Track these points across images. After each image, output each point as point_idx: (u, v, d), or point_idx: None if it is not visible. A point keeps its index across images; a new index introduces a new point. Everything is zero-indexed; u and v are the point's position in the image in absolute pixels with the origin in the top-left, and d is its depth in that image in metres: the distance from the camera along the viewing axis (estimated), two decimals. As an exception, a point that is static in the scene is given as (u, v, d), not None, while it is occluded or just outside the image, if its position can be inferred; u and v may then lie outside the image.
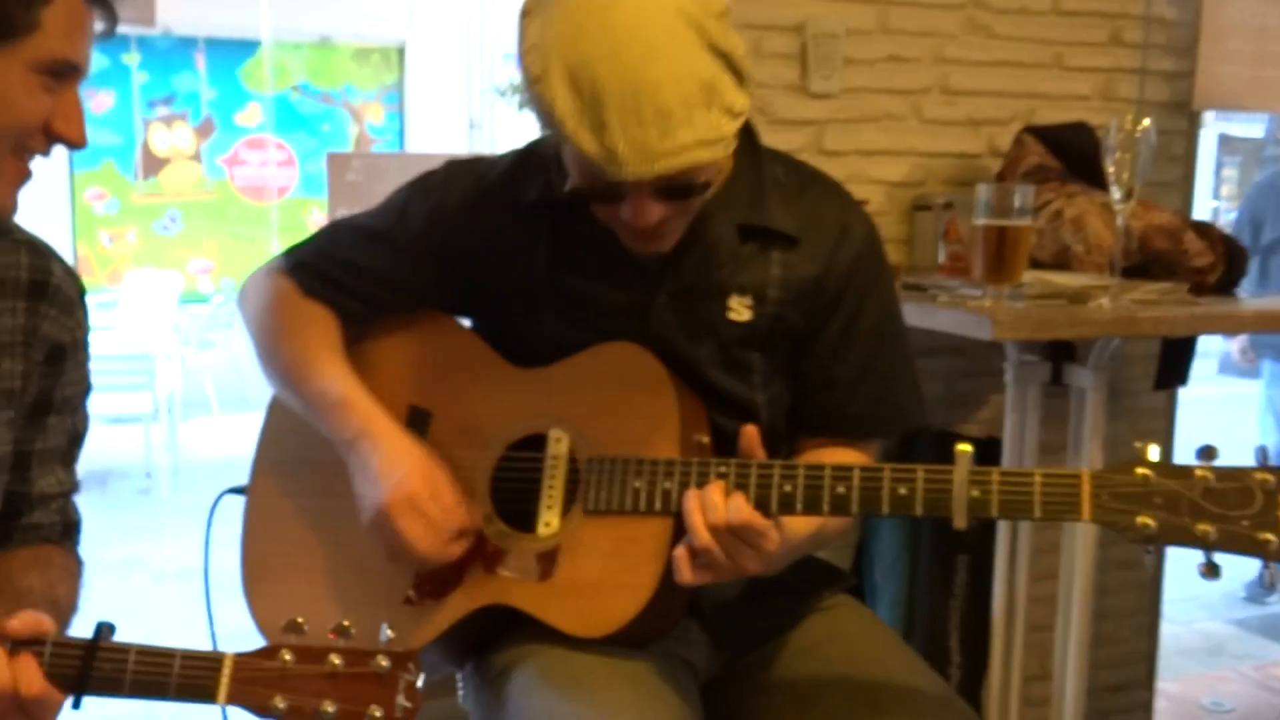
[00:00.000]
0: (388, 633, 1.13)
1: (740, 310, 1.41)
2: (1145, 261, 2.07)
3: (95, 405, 1.44)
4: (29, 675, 1.08)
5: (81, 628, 1.20)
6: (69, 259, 1.37)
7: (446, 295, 1.51)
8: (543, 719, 1.28)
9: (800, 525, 1.30)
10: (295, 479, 1.51)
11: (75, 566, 1.40)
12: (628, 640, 1.32)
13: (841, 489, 1.23)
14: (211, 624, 1.59)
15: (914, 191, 2.38)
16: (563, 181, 1.35)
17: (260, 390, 1.67)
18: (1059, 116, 2.37)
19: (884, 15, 2.31)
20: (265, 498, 1.52)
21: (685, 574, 1.24)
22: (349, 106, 12.95)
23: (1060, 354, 2.11)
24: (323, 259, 1.50)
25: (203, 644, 1.20)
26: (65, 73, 1.20)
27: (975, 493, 1.18)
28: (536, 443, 1.40)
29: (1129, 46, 2.47)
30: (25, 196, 1.28)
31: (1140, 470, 1.13)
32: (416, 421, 1.46)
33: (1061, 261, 2.11)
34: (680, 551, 1.24)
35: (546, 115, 1.22)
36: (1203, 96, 2.47)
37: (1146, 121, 1.78)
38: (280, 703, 1.10)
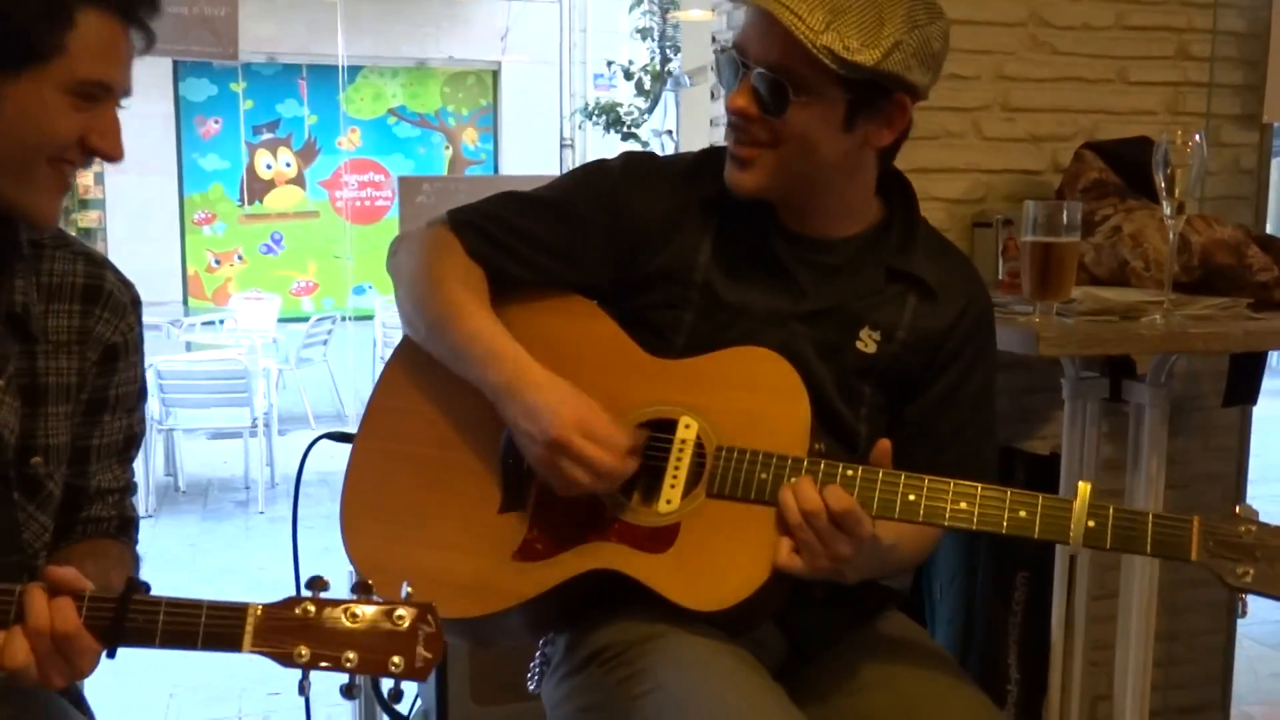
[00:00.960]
0: (407, 589, 1.17)
1: (868, 343, 1.50)
2: (1207, 276, 2.05)
3: (198, 420, 1.53)
4: (65, 615, 1.14)
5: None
6: (179, 279, 1.47)
7: (606, 271, 1.56)
8: (683, 696, 1.32)
9: (884, 534, 1.36)
10: (410, 426, 1.55)
11: (130, 559, 1.47)
12: (731, 621, 1.38)
13: (964, 504, 1.32)
14: (297, 567, 1.63)
15: (974, 208, 2.39)
16: None
17: (354, 406, 1.75)
18: (1124, 132, 2.35)
19: (941, 33, 2.32)
20: (376, 441, 1.57)
21: (782, 554, 1.33)
22: (444, 129, 13.26)
23: (1120, 370, 2.09)
24: (491, 221, 1.55)
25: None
26: (97, 93, 1.27)
27: (1091, 523, 1.28)
28: (664, 427, 1.45)
29: (1197, 60, 2.44)
30: (139, 219, 1.38)
31: (1245, 527, 1.24)
32: None
33: (1120, 277, 2.10)
34: (784, 541, 1.33)
35: None
36: (1273, 108, 2.43)
37: (1198, 136, 1.76)
38: (303, 652, 1.14)
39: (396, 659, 1.14)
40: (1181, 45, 2.44)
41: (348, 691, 1.18)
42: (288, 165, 12.88)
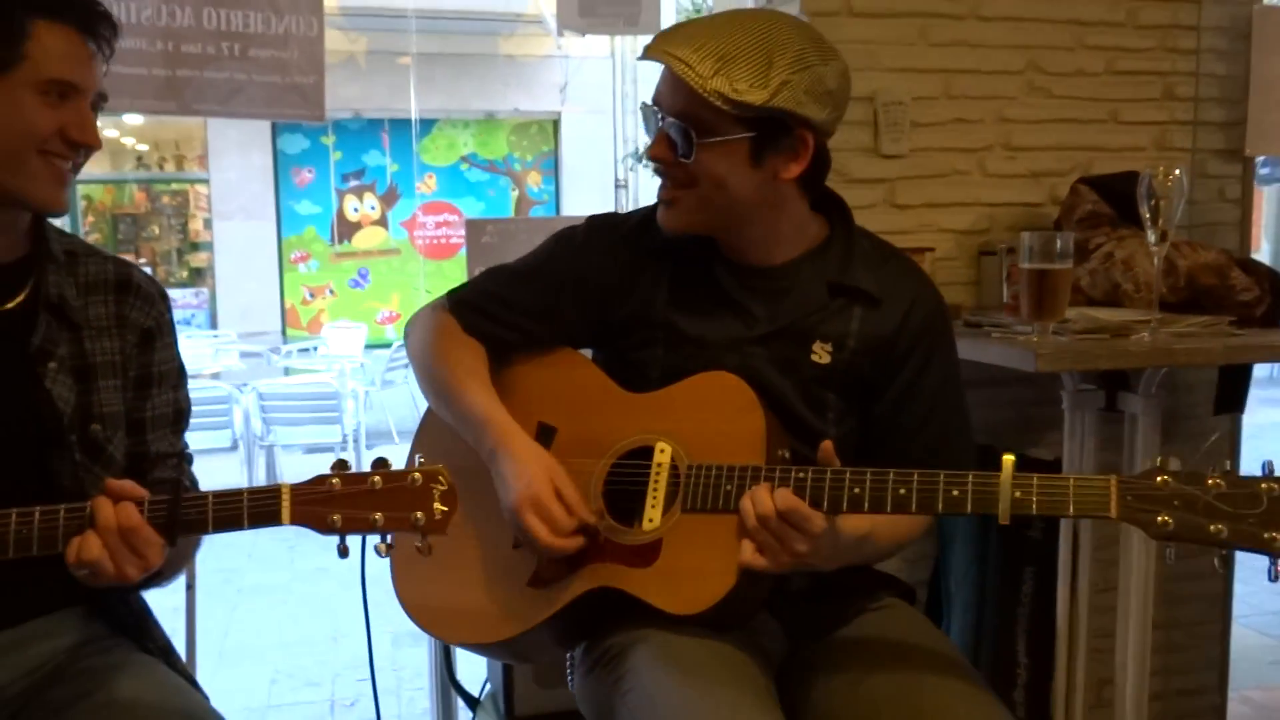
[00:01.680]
0: (419, 459, 1.23)
1: (822, 354, 1.50)
2: (1194, 296, 2.04)
3: (295, 436, 1.59)
4: (128, 513, 1.21)
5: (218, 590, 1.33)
6: (278, 312, 1.54)
7: (581, 325, 1.61)
8: (655, 693, 1.34)
9: (850, 526, 1.36)
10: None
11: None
12: (717, 620, 1.39)
13: (903, 490, 1.29)
14: (365, 591, 1.69)
15: (980, 238, 2.39)
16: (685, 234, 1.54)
17: None
18: (1117, 167, 2.34)
19: (948, 83, 2.34)
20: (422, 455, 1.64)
21: (746, 555, 1.32)
22: (511, 173, 13.37)
23: (1115, 383, 2.09)
24: (479, 296, 1.63)
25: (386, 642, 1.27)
26: (65, 90, 1.35)
27: (1018, 493, 1.23)
28: (644, 453, 1.49)
29: (1182, 100, 2.44)
30: (243, 259, 1.45)
31: (1161, 477, 1.18)
32: (544, 435, 1.57)
33: (1113, 299, 2.09)
34: (745, 542, 1.33)
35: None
36: (1254, 143, 2.42)
37: (1178, 171, 1.77)
38: (337, 518, 1.20)
39: (418, 513, 1.20)
40: (1168, 88, 2.44)
41: (383, 550, 1.23)
42: (372, 209, 13.05)
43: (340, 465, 1.24)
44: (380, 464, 1.23)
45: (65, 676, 1.41)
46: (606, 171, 12.84)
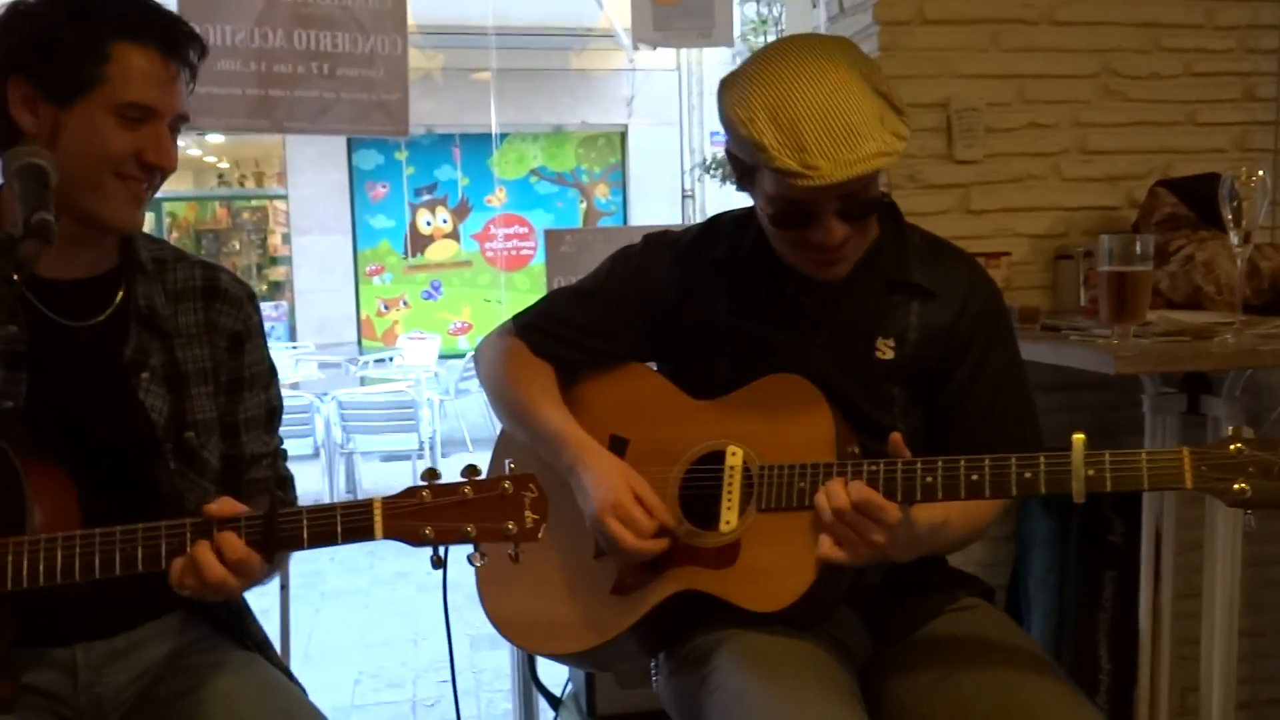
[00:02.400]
0: (510, 465, 1.22)
1: (885, 350, 1.52)
2: (1278, 299, 2.01)
3: (373, 444, 1.63)
4: (231, 544, 1.23)
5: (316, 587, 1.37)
6: (354, 323, 1.57)
7: (644, 340, 1.64)
8: (740, 691, 1.36)
9: (926, 516, 1.37)
10: None
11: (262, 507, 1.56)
12: (798, 616, 1.41)
13: (975, 476, 1.29)
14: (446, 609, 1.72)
15: (1056, 243, 2.37)
16: (746, 244, 1.54)
17: None
18: (1195, 169, 2.31)
19: (1021, 88, 2.33)
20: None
21: (824, 548, 1.33)
22: (579, 185, 13.48)
23: (1197, 386, 2.05)
24: (544, 319, 1.67)
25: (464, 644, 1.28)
26: (141, 114, 1.35)
27: (1090, 471, 1.23)
28: (715, 458, 1.50)
29: (1263, 101, 2.39)
30: (320, 272, 1.47)
31: (1234, 445, 1.18)
32: (616, 447, 1.59)
33: (1194, 302, 2.07)
34: (823, 537, 1.34)
35: (754, 150, 1.37)
36: (1339, 142, 2.37)
37: (1261, 171, 1.74)
38: (429, 530, 1.19)
39: (509, 523, 1.20)
40: (1248, 88, 2.39)
41: (476, 559, 1.23)
42: (445, 222, 13.25)
43: (431, 475, 1.24)
44: (471, 472, 1.23)
45: (171, 674, 1.46)
46: (673, 182, 12.88)
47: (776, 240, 1.50)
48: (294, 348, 10.49)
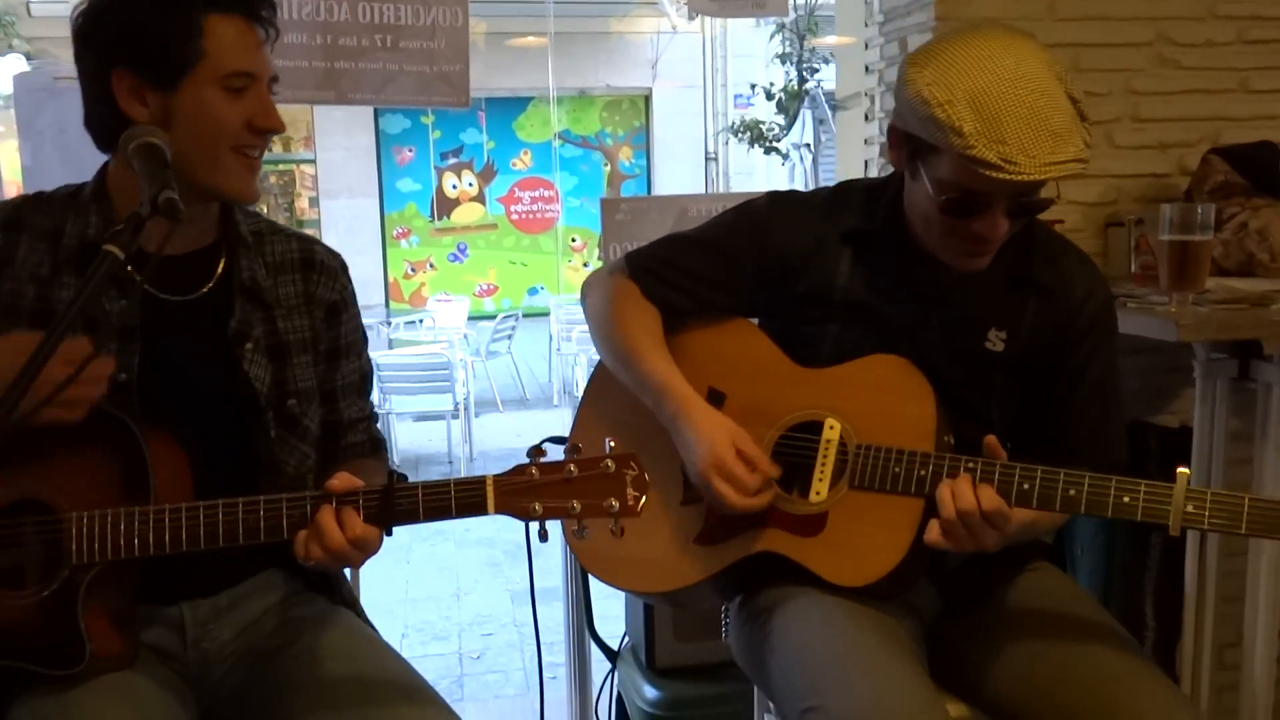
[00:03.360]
0: (610, 443, 1.26)
1: (996, 342, 1.53)
2: (1331, 266, 2.02)
3: (407, 405, 1.66)
4: (351, 521, 1.28)
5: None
6: (382, 286, 1.59)
7: (756, 296, 1.62)
8: (804, 648, 1.41)
9: (1020, 515, 1.39)
10: (611, 433, 1.69)
11: (386, 471, 1.57)
12: (874, 593, 1.45)
13: (1073, 491, 1.33)
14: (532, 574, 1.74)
15: (1108, 210, 2.38)
16: (878, 217, 1.53)
17: (533, 391, 1.84)
18: (1247, 137, 2.30)
19: (1076, 56, 2.32)
20: (591, 428, 1.69)
21: (932, 534, 1.37)
22: (603, 149, 13.45)
23: (1248, 351, 2.07)
24: (659, 263, 1.65)
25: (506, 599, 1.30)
26: (243, 82, 1.37)
27: (1190, 507, 1.27)
28: (810, 428, 1.52)
29: (1316, 68, 2.38)
30: (348, 235, 1.47)
31: None
32: (713, 400, 1.60)
33: (1247, 269, 2.08)
34: (934, 523, 1.37)
35: (949, 134, 1.33)
36: (1392, 109, 2.35)
37: (1321, 141, 1.75)
38: (538, 507, 1.24)
39: (612, 500, 1.24)
40: (1302, 54, 2.38)
41: (576, 532, 1.29)
42: (470, 185, 13.26)
43: (537, 452, 1.28)
44: (573, 450, 1.27)
45: (272, 629, 1.52)
46: (697, 145, 12.85)
47: (927, 223, 1.46)
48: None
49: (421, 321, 9.56)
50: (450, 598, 4.45)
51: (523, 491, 1.25)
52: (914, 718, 1.29)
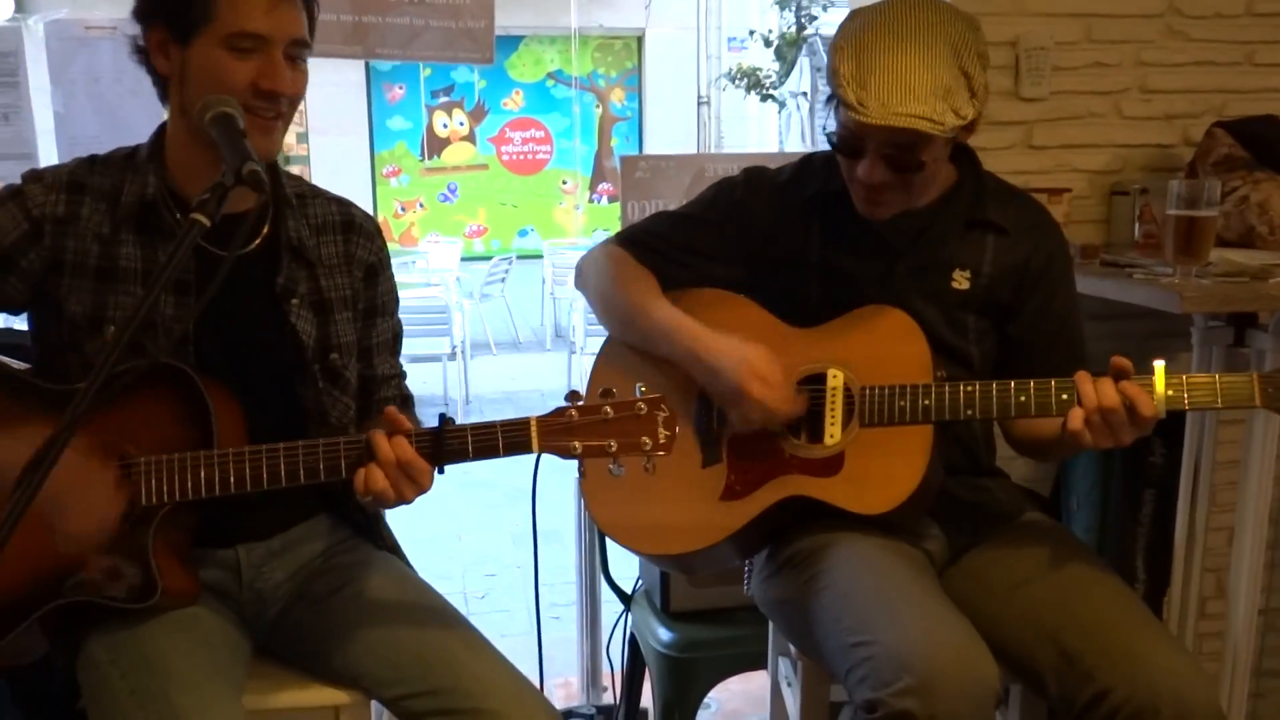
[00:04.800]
0: (640, 389, 1.36)
1: (961, 281, 1.66)
2: (1328, 240, 2.10)
3: (405, 347, 1.70)
4: (402, 446, 1.35)
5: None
6: None
7: (740, 265, 1.73)
8: (849, 588, 1.49)
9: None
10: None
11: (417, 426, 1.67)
12: (897, 518, 1.56)
13: (1065, 396, 1.47)
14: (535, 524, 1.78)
15: (1113, 178, 2.45)
16: (835, 181, 1.65)
17: (526, 334, 1.87)
18: (1252, 110, 2.37)
19: (1089, 27, 2.38)
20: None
21: (1076, 423, 1.45)
22: (595, 90, 13.36)
23: (1243, 320, 2.15)
24: (649, 236, 1.77)
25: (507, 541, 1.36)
26: (251, 44, 1.38)
27: (1170, 391, 1.43)
28: (816, 380, 1.62)
29: (1321, 43, 2.44)
30: (337, 173, 1.50)
31: None
32: None
33: (1246, 241, 2.16)
34: (1076, 412, 1.45)
35: (830, 74, 1.53)
36: (1393, 85, 2.42)
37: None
38: (577, 445, 1.34)
39: (645, 438, 1.34)
40: (1308, 28, 2.44)
41: (614, 469, 1.37)
42: (461, 124, 13.17)
43: (574, 396, 1.36)
44: (607, 394, 1.35)
45: (322, 572, 1.61)
46: (689, 88, 12.77)
47: (842, 168, 1.61)
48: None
49: (415, 263, 9.55)
50: (452, 539, 4.54)
51: (564, 431, 1.34)
52: (964, 649, 1.39)
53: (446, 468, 1.37)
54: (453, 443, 1.35)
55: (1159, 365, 1.42)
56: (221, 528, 1.54)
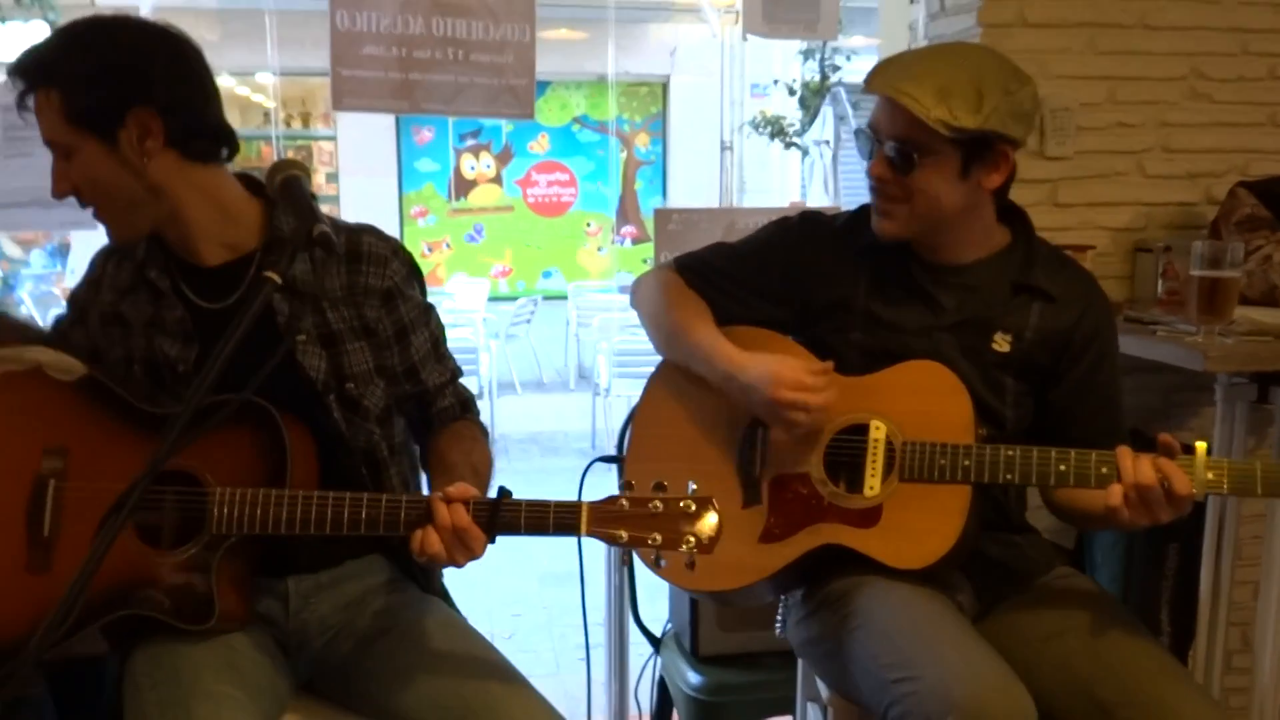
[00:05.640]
0: (692, 486, 1.39)
1: (1002, 343, 1.67)
2: (1351, 300, 2.13)
3: None
4: (459, 515, 1.38)
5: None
6: None
7: (788, 305, 1.76)
8: (887, 627, 1.52)
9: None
10: (666, 446, 1.76)
11: (480, 432, 1.71)
12: (930, 573, 1.58)
13: (1105, 470, 1.49)
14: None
15: (1136, 236, 2.49)
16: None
17: (551, 375, 1.93)
18: (1274, 170, 2.42)
19: (1113, 89, 2.43)
20: (643, 463, 1.78)
21: (1115, 499, 1.47)
22: (620, 135, 13.50)
23: (1267, 378, 2.18)
24: (704, 266, 1.82)
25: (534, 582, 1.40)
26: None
27: (1211, 475, 1.43)
28: (857, 430, 1.64)
29: (1342, 105, 2.49)
30: (366, 213, 1.53)
31: None
32: None
33: (1269, 300, 2.19)
34: (1116, 488, 1.46)
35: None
36: None
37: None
38: (623, 534, 1.37)
39: (689, 536, 1.37)
40: (1327, 93, 2.49)
41: (653, 562, 1.44)
42: (488, 167, 13.33)
43: (629, 486, 1.40)
44: (659, 488, 1.39)
45: (368, 613, 1.65)
46: (713, 134, 12.89)
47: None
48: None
49: (442, 303, 9.65)
50: (480, 579, 4.55)
51: (613, 520, 1.38)
52: (1006, 687, 1.41)
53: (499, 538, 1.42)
54: (507, 515, 1.40)
55: (1200, 447, 1.42)
56: (275, 558, 1.59)
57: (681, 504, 1.37)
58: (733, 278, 1.79)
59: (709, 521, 1.36)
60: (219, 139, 1.54)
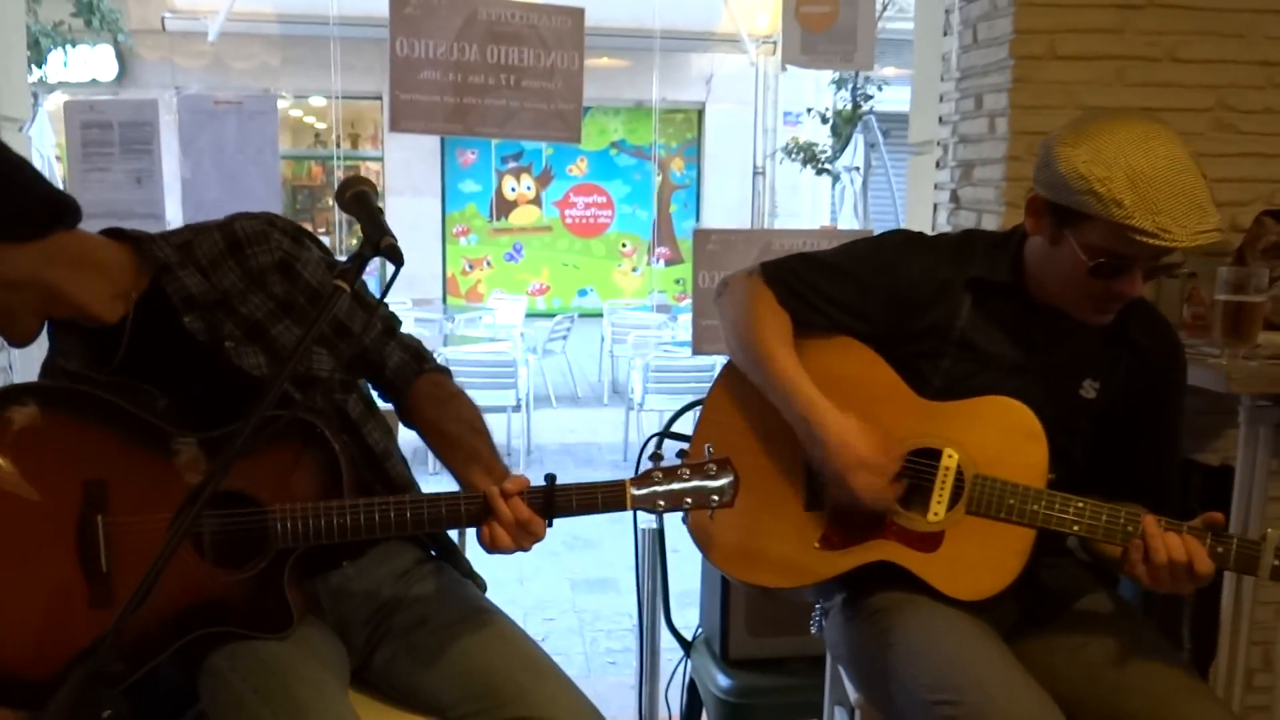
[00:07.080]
0: (709, 450, 1.49)
1: (1089, 390, 1.67)
2: (1372, 326, 2.12)
3: (474, 399, 1.70)
4: (519, 508, 1.45)
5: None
6: (440, 281, 1.69)
7: (877, 324, 1.71)
8: (926, 644, 1.52)
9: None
10: (732, 440, 1.73)
11: (449, 380, 1.72)
12: (979, 606, 1.58)
13: (1220, 549, 1.49)
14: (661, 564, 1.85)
15: (1162, 261, 2.49)
16: (1001, 269, 1.67)
17: (585, 390, 1.97)
18: (1298, 199, 2.42)
19: (1141, 120, 2.44)
20: (717, 433, 1.78)
21: (1139, 570, 1.51)
22: (656, 159, 13.58)
23: (1291, 401, 2.18)
24: (794, 277, 1.74)
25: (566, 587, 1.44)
26: None
27: (1277, 561, 1.44)
28: (928, 454, 1.62)
29: (1365, 138, 2.48)
30: (411, 231, 1.57)
31: None
32: None
33: (1294, 325, 2.19)
34: (1140, 561, 1.50)
35: (1108, 206, 1.46)
36: None
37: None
38: (661, 502, 1.49)
39: (715, 495, 1.49)
40: (1352, 126, 2.48)
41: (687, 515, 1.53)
42: (528, 188, 13.45)
43: (657, 458, 1.50)
44: (684, 455, 1.50)
45: (402, 605, 1.65)
46: (745, 158, 12.95)
47: (1065, 283, 1.59)
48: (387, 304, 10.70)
49: (481, 318, 9.75)
50: (514, 583, 4.60)
51: (650, 491, 1.50)
52: (1043, 715, 1.42)
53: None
54: (559, 500, 1.48)
55: (1272, 534, 1.44)
56: (302, 559, 1.60)
57: (706, 469, 1.49)
58: (828, 296, 1.73)
59: (728, 479, 1.49)
60: (51, 209, 1.43)
